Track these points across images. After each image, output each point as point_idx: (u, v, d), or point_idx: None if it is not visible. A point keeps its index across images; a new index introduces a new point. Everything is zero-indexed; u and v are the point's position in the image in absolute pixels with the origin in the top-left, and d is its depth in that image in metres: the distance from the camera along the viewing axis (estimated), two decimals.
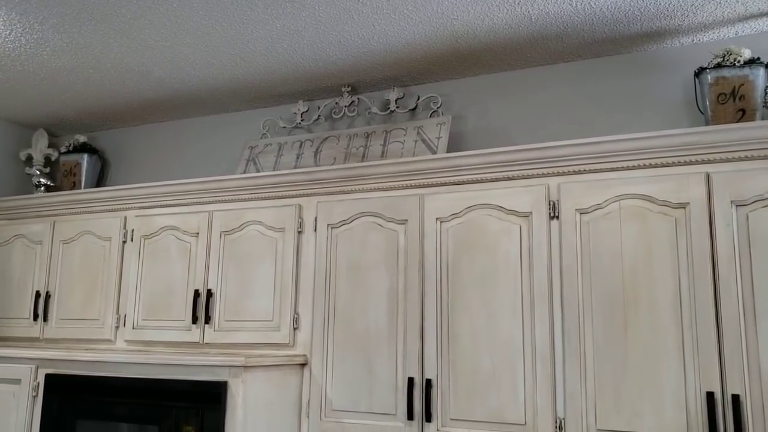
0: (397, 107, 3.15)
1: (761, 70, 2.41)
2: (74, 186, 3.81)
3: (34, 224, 3.58)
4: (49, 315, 3.41)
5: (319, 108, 3.35)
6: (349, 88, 3.27)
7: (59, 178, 3.92)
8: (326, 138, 3.22)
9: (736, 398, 2.06)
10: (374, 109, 3.21)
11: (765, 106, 2.36)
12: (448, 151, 2.88)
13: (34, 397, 2.80)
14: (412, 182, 2.71)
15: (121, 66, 3.10)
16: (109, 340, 3.22)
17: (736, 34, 2.65)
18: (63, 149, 3.91)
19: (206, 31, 2.73)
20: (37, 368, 2.82)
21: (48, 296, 3.44)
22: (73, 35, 2.79)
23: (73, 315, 3.35)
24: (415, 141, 2.98)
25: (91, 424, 2.65)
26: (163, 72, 3.16)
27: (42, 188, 3.83)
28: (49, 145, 4.05)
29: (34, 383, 2.81)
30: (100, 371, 2.66)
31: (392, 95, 3.16)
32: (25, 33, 2.78)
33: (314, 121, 3.34)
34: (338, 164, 3.00)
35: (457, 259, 2.56)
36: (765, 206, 2.14)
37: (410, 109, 3.14)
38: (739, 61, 2.42)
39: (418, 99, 3.13)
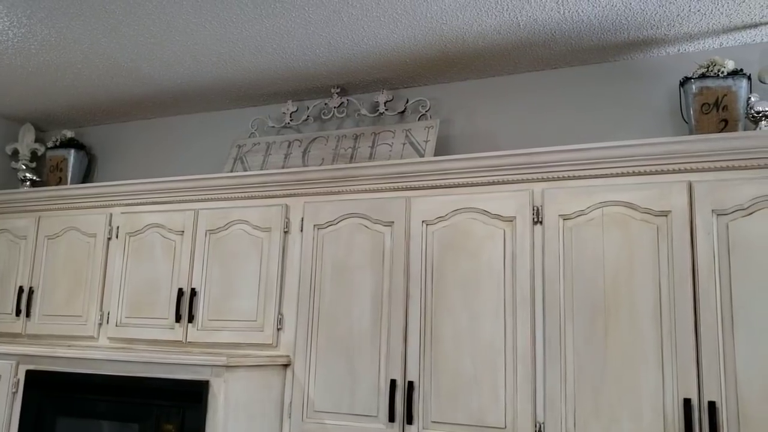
0: (386, 109, 3.16)
1: (744, 82, 2.45)
2: (60, 181, 3.79)
3: (19, 219, 3.56)
4: (32, 311, 3.39)
5: (308, 108, 3.36)
6: (339, 90, 3.27)
7: (45, 173, 3.90)
8: (315, 138, 3.23)
9: (712, 405, 2.09)
10: (363, 111, 3.22)
11: (747, 116, 2.39)
12: (435, 155, 2.90)
13: (14, 393, 2.78)
14: (400, 184, 2.72)
15: (109, 62, 3.09)
16: (91, 337, 3.21)
17: (720, 46, 2.68)
18: (50, 144, 3.90)
19: (195, 28, 2.73)
20: (18, 364, 2.81)
21: (31, 292, 3.42)
22: (61, 30, 2.79)
23: (56, 311, 3.34)
24: (403, 144, 2.99)
25: (72, 421, 2.64)
26: (152, 69, 3.16)
27: (28, 183, 3.81)
28: (36, 140, 4.03)
29: (15, 379, 2.79)
30: (82, 368, 2.65)
31: (381, 97, 3.17)
32: (12, 26, 2.77)
33: (303, 121, 3.35)
34: (326, 165, 3.01)
35: (442, 262, 2.57)
36: (745, 216, 2.17)
37: (399, 112, 3.15)
38: (722, 72, 2.46)
39: (407, 102, 3.14)
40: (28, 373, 2.75)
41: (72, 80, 3.33)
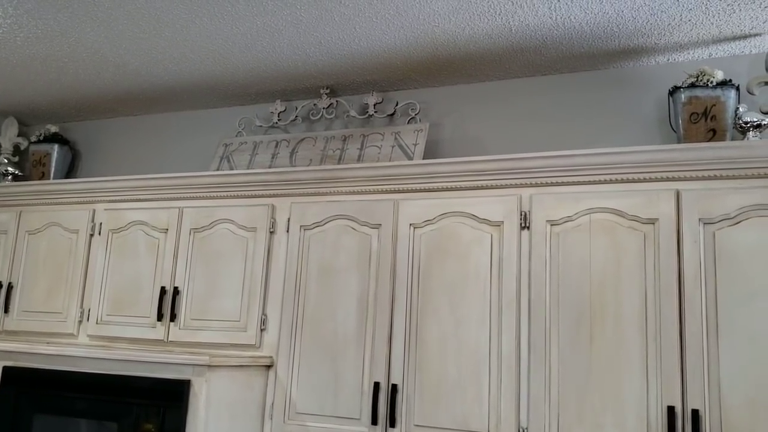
0: (375, 112, 3.15)
1: (732, 92, 2.46)
2: (43, 176, 3.74)
3: (0, 213, 3.50)
4: (10, 306, 3.34)
5: (296, 108, 3.34)
6: (328, 90, 3.26)
7: (28, 167, 3.84)
8: (303, 139, 3.21)
9: (695, 413, 2.09)
10: (352, 113, 3.20)
11: (735, 127, 2.41)
12: (424, 158, 2.89)
13: None
14: (388, 187, 2.70)
15: (96, 56, 3.06)
16: (71, 335, 3.16)
17: (709, 56, 2.70)
18: (33, 138, 3.85)
19: (185, 24, 2.71)
20: None
21: (10, 287, 3.36)
22: (48, 22, 2.75)
23: (35, 307, 3.28)
24: (392, 146, 2.98)
25: (49, 419, 2.60)
26: (140, 65, 3.12)
27: (9, 177, 3.75)
28: (19, 134, 3.97)
29: None
30: (61, 365, 2.60)
31: (371, 99, 3.16)
32: None
33: (291, 121, 3.33)
34: (314, 166, 2.99)
35: (429, 265, 2.56)
36: (732, 225, 2.18)
37: (388, 115, 3.14)
38: (711, 82, 2.47)
39: (397, 105, 3.13)
40: (6, 369, 2.70)
41: (57, 74, 3.29)
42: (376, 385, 2.52)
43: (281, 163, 3.15)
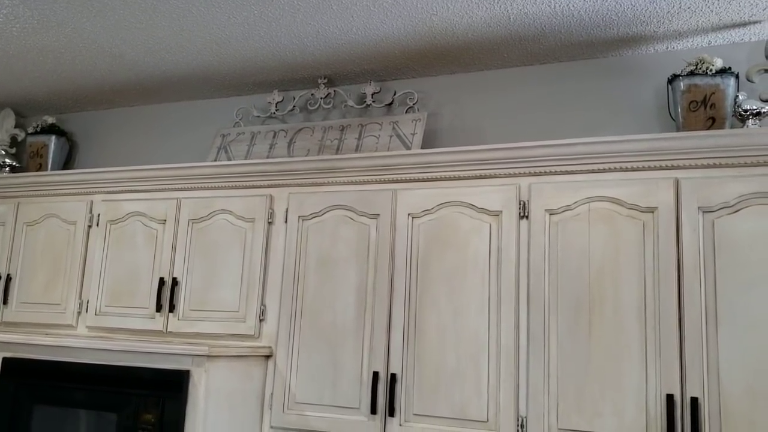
0: (373, 101, 3.14)
1: (732, 80, 2.45)
2: (40, 168, 3.73)
3: None
4: (9, 298, 3.33)
5: (294, 98, 3.32)
6: (326, 80, 3.24)
7: (25, 159, 3.83)
8: (300, 129, 3.20)
9: (694, 401, 2.09)
10: (350, 103, 3.19)
11: (734, 115, 2.40)
12: (422, 148, 2.88)
13: None
14: (386, 177, 2.70)
15: (93, 46, 3.04)
16: (70, 326, 3.16)
17: (709, 44, 2.69)
18: (30, 130, 3.84)
19: (182, 14, 2.69)
20: None
21: (9, 279, 3.36)
22: (44, 12, 2.73)
23: (34, 299, 3.28)
24: (390, 136, 2.97)
25: (49, 410, 2.60)
26: (137, 55, 3.11)
27: (7, 169, 3.74)
28: (16, 125, 3.96)
29: None
30: (60, 356, 2.60)
31: (369, 89, 3.15)
32: None
33: (289, 111, 3.32)
34: (312, 156, 2.98)
35: (427, 255, 2.56)
36: (730, 213, 2.17)
37: (386, 104, 3.13)
38: (711, 70, 2.46)
39: (395, 94, 3.12)
40: (5, 360, 2.70)
41: (54, 65, 3.27)
42: (375, 375, 2.52)
43: (279, 153, 3.14)
